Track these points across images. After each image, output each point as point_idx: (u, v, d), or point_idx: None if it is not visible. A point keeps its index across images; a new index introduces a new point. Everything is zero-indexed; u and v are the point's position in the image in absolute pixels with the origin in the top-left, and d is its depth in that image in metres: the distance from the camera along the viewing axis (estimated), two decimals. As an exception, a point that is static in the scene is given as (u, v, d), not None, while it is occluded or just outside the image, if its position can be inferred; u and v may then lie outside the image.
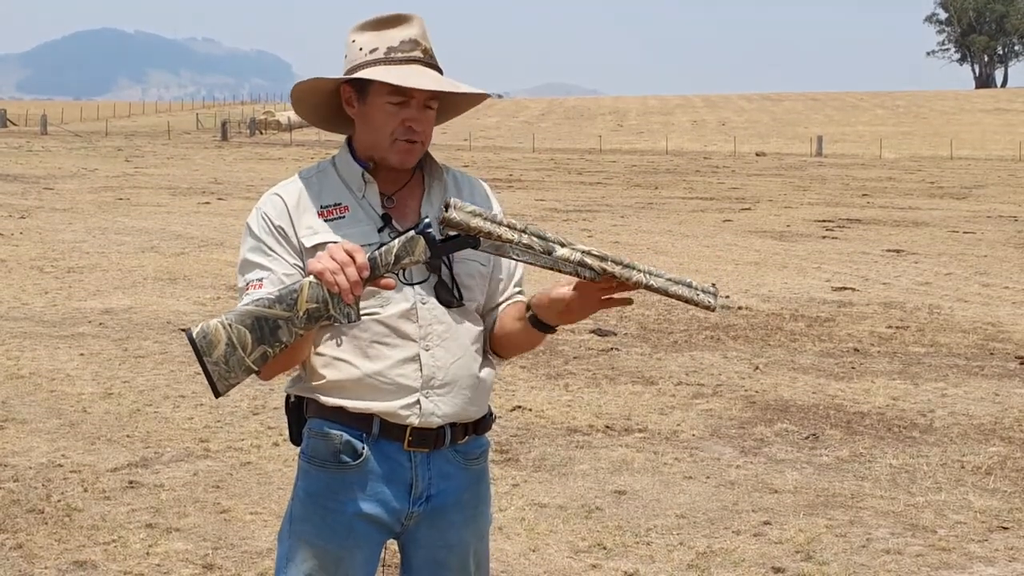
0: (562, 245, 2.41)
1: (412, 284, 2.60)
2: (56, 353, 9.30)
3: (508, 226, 2.40)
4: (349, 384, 2.61)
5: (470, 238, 2.40)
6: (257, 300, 2.40)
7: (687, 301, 2.44)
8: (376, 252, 2.42)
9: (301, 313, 2.38)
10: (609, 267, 2.39)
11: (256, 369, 2.41)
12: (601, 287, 2.45)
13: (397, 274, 2.49)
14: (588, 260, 2.40)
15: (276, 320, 2.38)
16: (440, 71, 2.67)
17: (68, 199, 25.29)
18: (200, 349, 2.37)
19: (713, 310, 2.47)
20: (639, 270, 2.42)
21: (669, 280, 2.42)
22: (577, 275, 2.42)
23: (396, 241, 2.43)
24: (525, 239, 2.40)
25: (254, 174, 36.31)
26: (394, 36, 2.63)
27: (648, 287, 2.41)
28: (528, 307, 2.64)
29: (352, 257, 2.37)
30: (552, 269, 2.41)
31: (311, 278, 2.39)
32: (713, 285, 2.48)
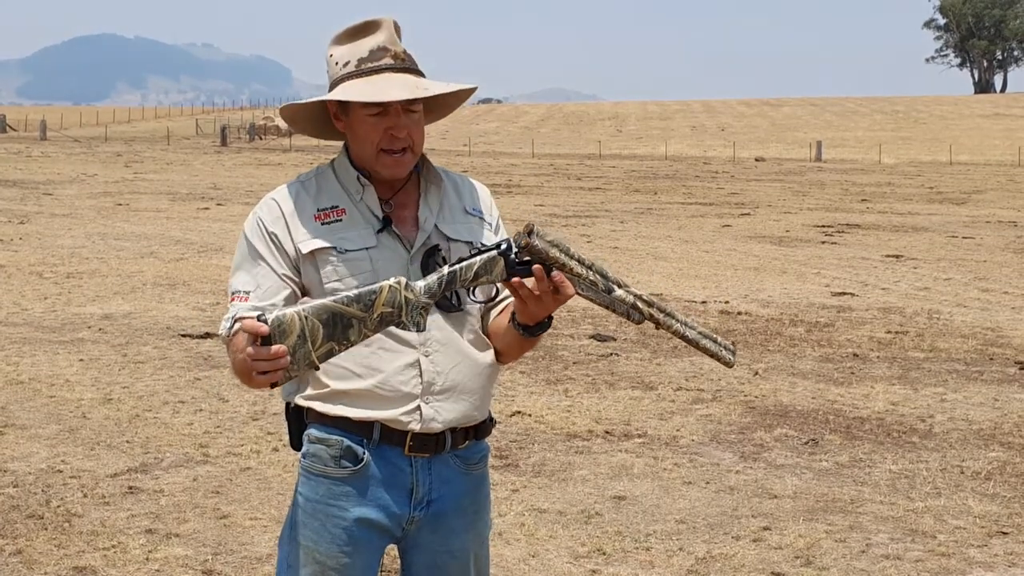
0: (619, 286, 2.52)
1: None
2: (55, 359, 9.30)
3: (578, 260, 2.48)
4: (351, 392, 2.61)
5: (544, 266, 2.45)
6: (336, 297, 2.40)
7: (711, 355, 2.59)
8: (457, 266, 2.46)
9: (375, 316, 2.41)
10: (655, 313, 2.53)
11: (318, 365, 2.40)
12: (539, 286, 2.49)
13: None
14: (639, 304, 2.52)
15: (351, 319, 2.39)
16: (417, 71, 2.65)
17: (67, 205, 25.30)
18: (273, 338, 2.34)
19: (731, 366, 2.63)
20: (678, 320, 2.55)
21: (700, 333, 2.57)
22: (628, 317, 2.53)
23: (478, 259, 2.47)
24: (591, 275, 2.49)
25: (253, 179, 36.32)
26: (364, 46, 2.63)
27: (683, 337, 2.55)
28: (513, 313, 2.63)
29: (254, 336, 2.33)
30: (607, 307, 2.52)
31: (391, 281, 2.42)
32: (732, 344, 2.65)
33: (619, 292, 2.50)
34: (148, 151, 56.64)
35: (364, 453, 2.63)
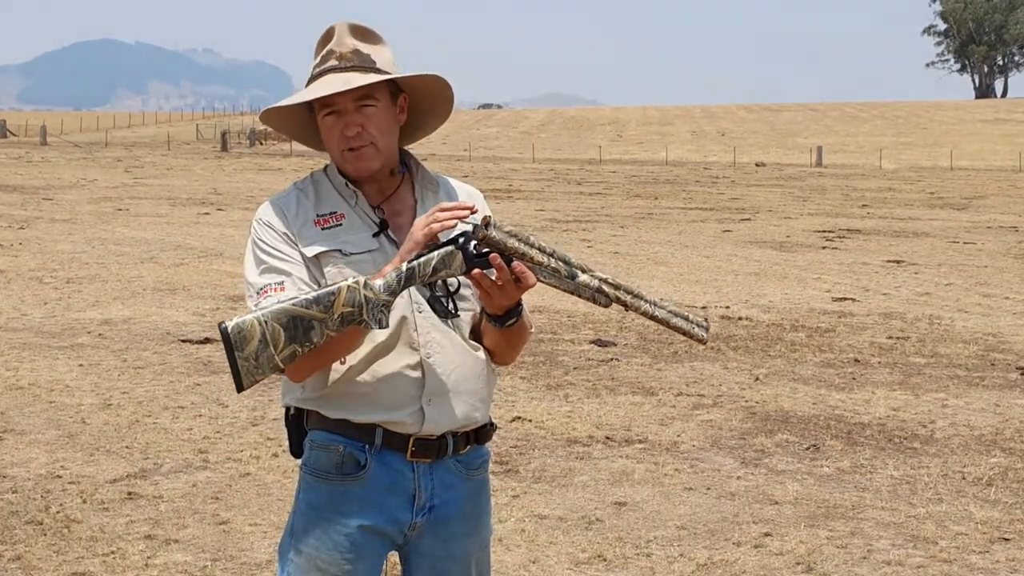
0: (583, 271, 2.51)
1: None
2: (55, 364, 9.29)
3: (539, 249, 2.47)
4: (352, 396, 2.60)
5: (504, 257, 2.45)
6: (294, 300, 2.41)
7: (683, 333, 2.59)
8: (415, 263, 2.46)
9: (336, 316, 2.41)
10: (622, 295, 2.53)
11: (283, 368, 2.42)
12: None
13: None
14: (604, 288, 2.52)
15: (311, 320, 2.40)
16: (366, 68, 2.62)
17: (68, 210, 25.29)
18: (233, 343, 2.37)
19: (704, 343, 2.62)
20: (646, 301, 2.54)
21: (670, 312, 2.57)
22: (594, 301, 2.52)
23: (435, 253, 2.47)
24: (553, 263, 2.49)
25: (254, 184, 36.32)
26: (319, 54, 2.67)
27: (653, 317, 2.55)
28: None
29: (459, 205, 2.48)
30: (572, 293, 2.52)
31: (350, 281, 2.42)
32: (705, 319, 2.64)
33: (583, 277, 2.50)
34: (148, 156, 56.67)
35: (366, 459, 2.62)
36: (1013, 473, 6.72)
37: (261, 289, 2.57)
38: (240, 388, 2.42)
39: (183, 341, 10.30)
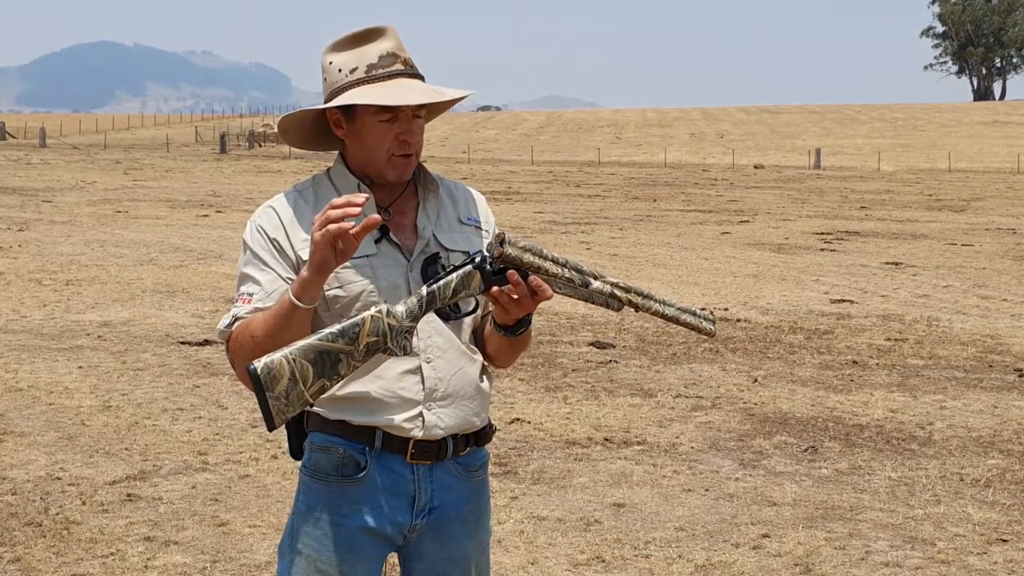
0: (595, 278, 2.54)
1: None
2: (54, 366, 9.30)
3: (553, 260, 2.50)
4: (352, 398, 2.61)
5: (519, 271, 2.48)
6: (320, 335, 2.42)
7: (692, 327, 2.63)
8: (435, 286, 2.48)
9: (362, 346, 2.43)
10: (633, 298, 2.57)
11: (312, 402, 2.43)
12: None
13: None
14: (617, 292, 2.55)
15: (338, 354, 2.42)
16: (422, 77, 2.67)
17: (67, 212, 25.30)
18: (264, 384, 2.38)
19: (712, 335, 2.68)
20: (656, 300, 2.58)
21: (679, 309, 2.61)
22: (607, 305, 2.56)
23: (454, 276, 2.48)
24: (567, 273, 2.52)
25: (253, 187, 36.33)
26: (371, 52, 2.63)
27: (663, 316, 2.59)
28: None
29: (349, 202, 2.37)
30: (586, 300, 2.56)
31: (373, 311, 2.43)
32: (711, 312, 2.70)
33: (596, 284, 2.54)
34: (147, 158, 56.67)
35: (366, 461, 2.63)
36: (1011, 475, 6.73)
37: (237, 297, 2.62)
38: (271, 427, 2.42)
39: (182, 343, 10.31)
